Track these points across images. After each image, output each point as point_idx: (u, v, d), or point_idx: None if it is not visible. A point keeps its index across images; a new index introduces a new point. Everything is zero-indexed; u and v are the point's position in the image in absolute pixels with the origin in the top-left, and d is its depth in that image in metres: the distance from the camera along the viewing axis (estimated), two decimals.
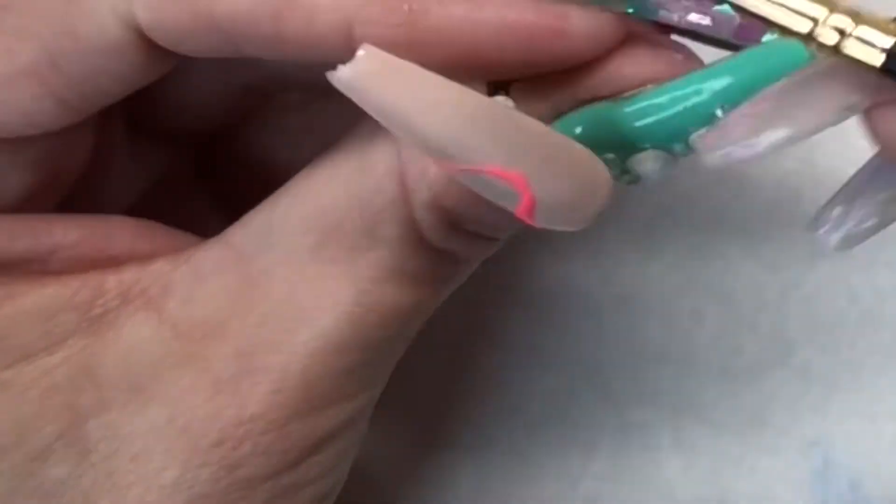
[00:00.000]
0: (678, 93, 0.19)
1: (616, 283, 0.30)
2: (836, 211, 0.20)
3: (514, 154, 0.17)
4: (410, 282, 0.21)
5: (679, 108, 0.19)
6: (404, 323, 0.22)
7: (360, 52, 0.17)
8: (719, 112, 0.19)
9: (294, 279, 0.21)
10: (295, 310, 0.21)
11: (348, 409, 0.22)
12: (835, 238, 0.20)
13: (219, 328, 0.21)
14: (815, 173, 0.29)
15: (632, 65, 0.20)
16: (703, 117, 0.19)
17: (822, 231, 0.20)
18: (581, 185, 0.18)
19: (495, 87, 0.20)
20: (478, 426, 0.30)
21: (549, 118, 0.20)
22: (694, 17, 0.19)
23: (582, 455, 0.30)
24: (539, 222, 0.18)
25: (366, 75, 0.17)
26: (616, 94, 0.20)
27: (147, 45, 0.20)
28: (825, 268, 0.29)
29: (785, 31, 0.18)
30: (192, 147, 0.27)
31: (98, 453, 0.20)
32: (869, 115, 0.18)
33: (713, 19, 0.19)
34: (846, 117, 0.18)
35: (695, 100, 0.19)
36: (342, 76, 0.17)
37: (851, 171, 0.29)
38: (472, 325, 0.30)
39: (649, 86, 0.20)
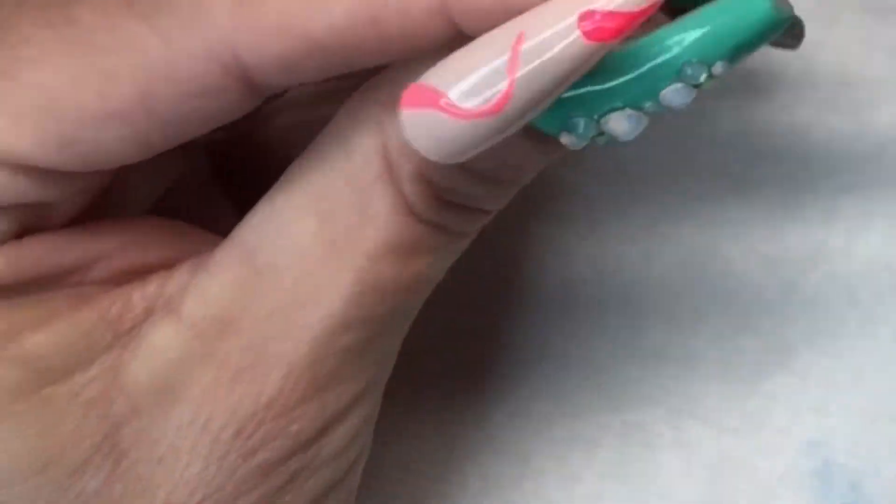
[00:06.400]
0: (647, 50, 0.20)
1: (617, 283, 0.30)
2: None
3: None
4: (405, 256, 0.21)
5: (649, 65, 0.19)
6: (404, 297, 0.22)
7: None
8: (688, 69, 0.19)
9: (297, 267, 0.21)
10: (300, 296, 0.21)
11: (355, 388, 0.22)
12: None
13: (232, 323, 0.21)
14: (813, 175, 0.29)
15: None
16: (673, 73, 0.19)
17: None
18: None
19: None
20: (481, 426, 0.30)
21: None
22: None
23: (583, 455, 0.30)
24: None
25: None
26: None
27: (244, 84, 0.20)
28: (825, 269, 0.29)
29: None
30: (207, 148, 0.27)
31: (128, 459, 0.21)
32: None
33: None
34: None
35: (664, 56, 0.19)
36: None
37: (848, 172, 0.29)
38: (475, 326, 0.30)
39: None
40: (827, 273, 0.29)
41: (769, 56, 0.30)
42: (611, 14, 0.18)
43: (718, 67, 0.19)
